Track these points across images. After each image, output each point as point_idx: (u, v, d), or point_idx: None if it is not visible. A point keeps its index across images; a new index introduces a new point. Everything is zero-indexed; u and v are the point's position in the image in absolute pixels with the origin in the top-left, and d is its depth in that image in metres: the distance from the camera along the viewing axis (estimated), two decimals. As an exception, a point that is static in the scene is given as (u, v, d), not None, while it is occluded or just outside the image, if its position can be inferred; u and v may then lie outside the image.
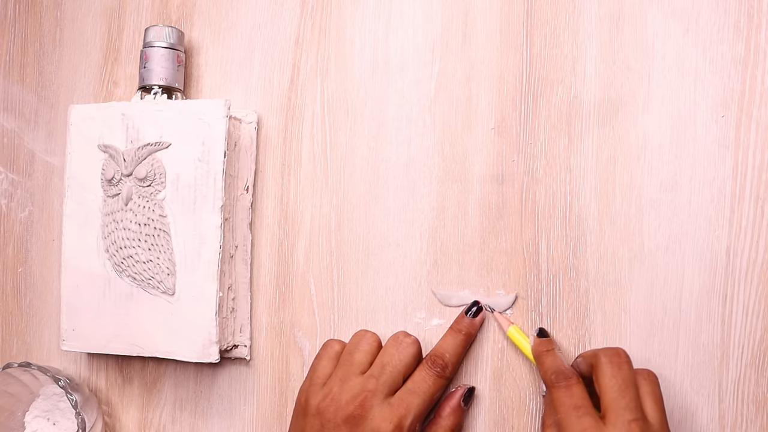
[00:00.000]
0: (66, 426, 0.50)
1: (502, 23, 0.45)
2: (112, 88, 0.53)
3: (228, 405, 0.49)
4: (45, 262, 0.54)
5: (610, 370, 0.36)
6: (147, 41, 0.48)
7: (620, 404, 0.35)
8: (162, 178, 0.45)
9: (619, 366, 0.36)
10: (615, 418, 0.34)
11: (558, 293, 0.43)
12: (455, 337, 0.42)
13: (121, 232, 0.46)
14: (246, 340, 0.48)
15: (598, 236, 0.43)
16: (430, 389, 0.40)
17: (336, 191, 0.47)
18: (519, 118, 0.44)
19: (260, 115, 0.49)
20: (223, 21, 0.50)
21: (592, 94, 0.43)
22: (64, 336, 0.48)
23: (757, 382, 0.40)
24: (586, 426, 0.34)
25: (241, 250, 0.48)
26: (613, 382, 0.36)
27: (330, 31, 0.48)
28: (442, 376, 0.41)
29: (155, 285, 0.46)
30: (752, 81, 0.40)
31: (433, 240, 0.45)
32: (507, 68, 0.45)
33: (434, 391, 0.40)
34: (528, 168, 0.44)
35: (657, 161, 0.42)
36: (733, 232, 0.41)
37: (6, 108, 0.55)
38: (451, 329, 0.43)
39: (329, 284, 0.47)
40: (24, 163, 0.54)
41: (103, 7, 0.53)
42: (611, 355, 0.37)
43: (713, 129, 0.41)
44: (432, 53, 0.46)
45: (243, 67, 0.50)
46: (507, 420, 0.44)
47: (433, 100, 0.46)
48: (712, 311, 0.41)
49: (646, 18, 0.42)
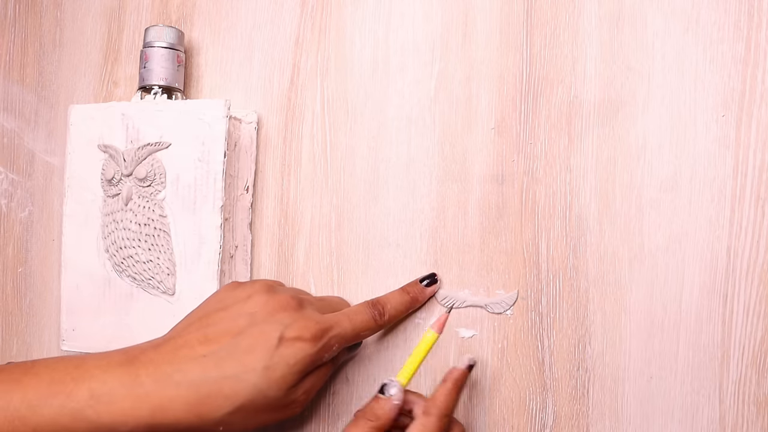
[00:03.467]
0: (66, 426, 0.49)
1: (502, 23, 0.45)
2: (112, 88, 0.53)
3: (228, 405, 0.49)
4: (45, 262, 0.54)
5: None
6: (147, 41, 0.48)
7: None
8: (162, 178, 0.45)
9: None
10: None
11: (558, 293, 0.43)
12: (402, 295, 0.44)
13: (121, 232, 0.46)
14: (246, 340, 0.48)
15: (598, 236, 0.42)
16: (361, 324, 0.41)
17: (336, 191, 0.47)
18: (519, 118, 0.44)
19: (260, 115, 0.49)
20: (223, 21, 0.50)
21: (592, 94, 0.43)
22: (64, 336, 0.48)
23: (758, 383, 0.40)
24: None
25: (241, 250, 0.48)
26: None
27: (330, 31, 0.48)
28: (377, 320, 0.42)
29: (155, 285, 0.46)
30: (752, 80, 0.40)
31: (433, 240, 0.45)
32: (507, 68, 0.44)
33: (363, 327, 0.41)
34: (528, 168, 0.44)
35: (657, 161, 0.42)
36: (733, 232, 0.40)
37: (6, 108, 0.55)
38: (401, 288, 0.44)
39: (329, 284, 0.47)
40: (24, 163, 0.54)
41: (103, 7, 0.53)
42: None
43: (713, 129, 0.41)
44: (432, 53, 0.46)
45: (243, 67, 0.50)
46: (507, 420, 0.44)
47: (433, 100, 0.46)
48: (713, 311, 0.41)
49: (646, 18, 0.42)
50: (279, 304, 0.39)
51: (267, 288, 0.40)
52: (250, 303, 0.39)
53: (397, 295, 0.44)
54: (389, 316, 0.42)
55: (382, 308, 0.42)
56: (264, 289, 0.40)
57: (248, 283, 0.41)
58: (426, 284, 0.44)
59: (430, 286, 0.44)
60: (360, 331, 0.41)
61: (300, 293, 0.42)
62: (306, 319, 0.38)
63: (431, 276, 0.44)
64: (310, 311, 0.39)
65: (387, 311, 0.42)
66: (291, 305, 0.39)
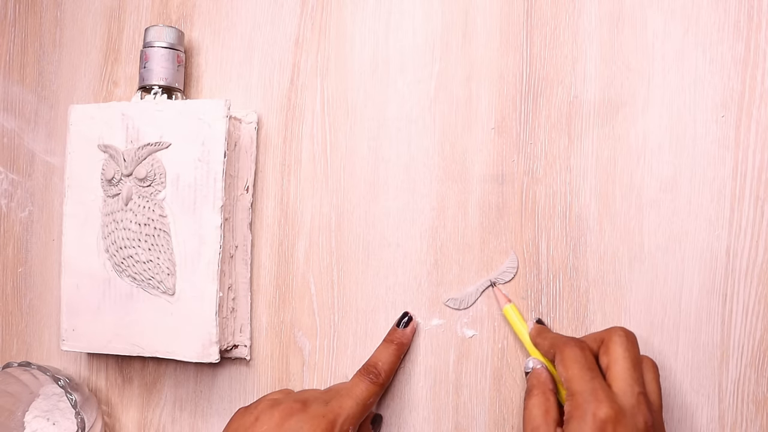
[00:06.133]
0: (65, 426, 0.50)
1: (502, 23, 0.45)
2: (112, 88, 0.53)
3: (228, 405, 0.49)
4: (45, 262, 0.54)
5: (626, 345, 0.37)
6: (147, 41, 0.48)
7: (632, 376, 0.36)
8: (162, 178, 0.45)
9: (633, 344, 0.37)
10: (625, 387, 0.35)
11: (558, 293, 0.43)
12: (387, 347, 0.44)
13: (121, 232, 0.46)
14: (246, 340, 0.48)
15: (598, 236, 0.43)
16: (363, 394, 0.42)
17: (336, 191, 0.47)
18: (519, 118, 0.44)
19: (260, 115, 0.49)
20: (223, 21, 0.50)
21: (592, 94, 0.43)
22: (64, 336, 0.48)
23: (757, 382, 0.40)
24: (597, 387, 0.35)
25: (241, 250, 0.48)
26: (627, 355, 0.37)
27: (330, 31, 0.48)
28: (375, 383, 0.43)
29: (155, 285, 0.46)
30: (752, 81, 0.40)
31: (433, 240, 0.45)
32: (507, 68, 0.45)
33: (367, 396, 0.42)
34: (528, 168, 0.44)
35: (657, 161, 0.42)
36: (733, 232, 0.41)
37: (6, 108, 0.55)
38: (384, 340, 0.45)
39: (329, 284, 0.47)
40: (24, 163, 0.54)
41: (103, 7, 0.53)
42: (627, 334, 0.38)
43: (713, 129, 0.41)
44: (432, 53, 0.46)
45: (243, 67, 0.50)
46: (507, 420, 0.44)
47: (433, 100, 0.46)
48: (712, 311, 0.41)
49: (646, 18, 0.42)
50: (285, 413, 0.40)
51: (271, 403, 0.41)
52: (258, 424, 0.40)
53: (383, 349, 0.44)
54: (385, 373, 0.43)
55: (375, 369, 0.43)
56: (268, 406, 0.41)
57: (253, 404, 0.42)
58: (404, 325, 0.45)
59: (408, 326, 0.45)
60: (365, 400, 0.42)
61: (304, 393, 0.43)
62: (313, 418, 0.39)
63: (404, 315, 0.45)
64: (315, 407, 0.40)
65: (381, 369, 0.43)
66: (295, 409, 0.40)
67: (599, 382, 0.35)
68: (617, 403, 0.34)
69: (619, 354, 0.37)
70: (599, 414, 0.34)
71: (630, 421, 0.34)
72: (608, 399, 0.34)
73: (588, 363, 0.37)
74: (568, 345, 0.38)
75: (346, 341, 0.47)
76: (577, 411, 0.35)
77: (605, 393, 0.35)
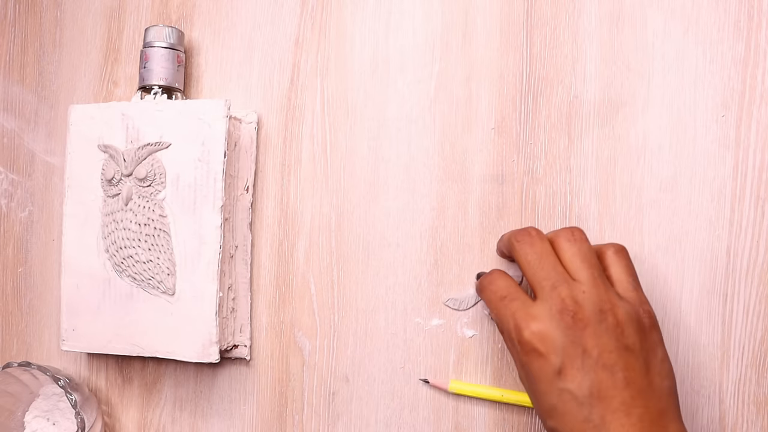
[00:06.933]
0: (65, 426, 0.50)
1: (502, 23, 0.45)
2: (112, 88, 0.53)
3: (228, 405, 0.49)
4: (45, 262, 0.54)
5: (577, 245, 0.37)
6: (147, 41, 0.48)
7: (539, 276, 0.36)
8: (162, 178, 0.45)
9: (573, 241, 0.37)
10: (539, 291, 0.36)
11: (558, 293, 0.43)
12: None
13: (121, 232, 0.46)
14: (246, 340, 0.48)
15: (598, 236, 0.42)
16: None
17: (336, 191, 0.47)
18: (519, 118, 0.44)
19: (260, 115, 0.49)
20: (223, 21, 0.50)
21: (592, 94, 0.43)
22: (64, 336, 0.48)
23: (758, 383, 0.40)
24: (559, 270, 0.36)
25: (241, 250, 0.48)
26: (576, 250, 0.37)
27: (330, 31, 0.48)
28: None
29: (155, 285, 0.46)
30: (752, 81, 0.40)
31: (433, 240, 0.45)
32: (507, 68, 0.45)
33: None
34: (528, 168, 0.44)
35: (657, 161, 0.42)
36: (733, 232, 0.41)
37: (6, 108, 0.55)
38: None
39: (329, 284, 0.47)
40: (24, 163, 0.54)
41: (103, 7, 0.53)
42: (567, 234, 0.37)
43: (713, 129, 0.41)
44: (432, 53, 0.46)
45: (243, 67, 0.50)
46: (507, 420, 0.44)
47: (433, 100, 0.46)
48: (713, 311, 0.41)
49: (646, 18, 0.42)
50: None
51: None
52: None
53: None
54: None
55: None
56: None
57: None
58: None
59: None
60: None
61: None
62: None
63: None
64: None
65: None
66: None
67: (516, 304, 0.36)
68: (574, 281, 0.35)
69: (575, 250, 0.37)
70: (561, 293, 0.35)
71: (590, 297, 0.35)
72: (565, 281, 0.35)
73: (542, 248, 0.37)
74: (517, 235, 0.38)
75: (346, 341, 0.47)
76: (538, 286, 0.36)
77: (563, 275, 0.36)
